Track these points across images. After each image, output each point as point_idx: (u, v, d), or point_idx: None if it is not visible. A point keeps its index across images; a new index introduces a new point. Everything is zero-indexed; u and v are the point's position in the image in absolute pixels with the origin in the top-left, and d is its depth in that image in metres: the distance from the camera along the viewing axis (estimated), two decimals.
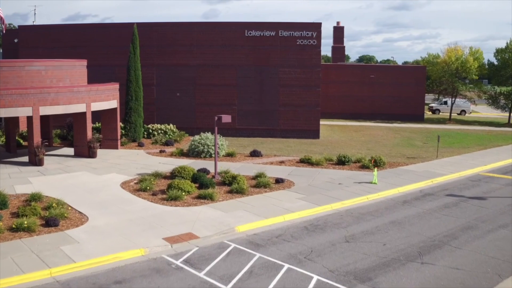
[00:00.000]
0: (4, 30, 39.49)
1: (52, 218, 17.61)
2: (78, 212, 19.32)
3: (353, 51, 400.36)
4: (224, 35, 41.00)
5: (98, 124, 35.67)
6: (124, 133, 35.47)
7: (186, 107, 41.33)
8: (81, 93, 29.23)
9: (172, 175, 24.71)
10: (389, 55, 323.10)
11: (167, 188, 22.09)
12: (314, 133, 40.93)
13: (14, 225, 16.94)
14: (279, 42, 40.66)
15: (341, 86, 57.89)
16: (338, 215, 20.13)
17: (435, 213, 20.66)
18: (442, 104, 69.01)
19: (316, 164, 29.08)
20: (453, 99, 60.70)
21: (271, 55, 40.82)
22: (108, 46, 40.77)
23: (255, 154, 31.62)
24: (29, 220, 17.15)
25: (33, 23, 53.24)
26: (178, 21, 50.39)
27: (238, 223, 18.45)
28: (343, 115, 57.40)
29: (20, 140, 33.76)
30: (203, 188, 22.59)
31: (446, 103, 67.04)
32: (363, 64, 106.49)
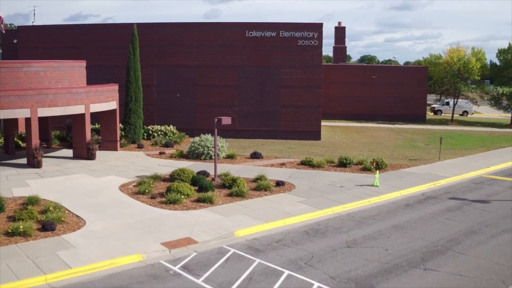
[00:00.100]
0: (3, 30, 39.19)
1: (48, 222, 17.34)
2: (75, 215, 19.05)
3: (354, 51, 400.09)
4: (224, 36, 40.71)
5: (98, 126, 35.43)
6: (124, 134, 35.17)
7: (186, 108, 41.05)
8: (80, 94, 28.97)
9: (172, 177, 24.43)
10: (390, 55, 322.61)
11: (166, 191, 21.82)
12: (316, 134, 40.62)
13: (10, 229, 16.69)
14: (280, 42, 40.35)
15: (342, 86, 57.58)
16: (340, 219, 19.84)
17: (438, 217, 20.35)
18: (444, 105, 68.62)
19: (317, 166, 28.78)
20: (455, 100, 60.34)
21: (272, 56, 40.51)
22: (108, 46, 40.51)
23: (255, 156, 31.32)
24: (25, 225, 16.88)
25: (32, 24, 53.12)
26: (179, 21, 50.03)
27: (238, 227, 18.17)
28: (344, 116, 57.09)
29: (19, 142, 33.50)
30: (203, 191, 22.29)
31: (448, 104, 66.64)
32: (365, 64, 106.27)
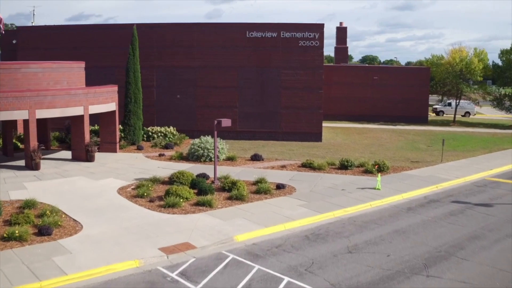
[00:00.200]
0: (3, 31, 38.94)
1: (45, 227, 17.07)
2: (72, 219, 18.78)
3: (356, 51, 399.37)
4: (225, 36, 40.40)
5: (97, 127, 35.15)
6: (123, 136, 34.88)
7: (186, 109, 40.75)
8: (78, 95, 28.70)
9: (171, 180, 24.14)
10: (392, 55, 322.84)
11: (164, 195, 21.52)
12: (317, 136, 40.29)
13: (5, 234, 16.42)
14: (281, 43, 40.04)
15: (344, 87, 57.24)
16: (341, 223, 19.53)
17: (441, 221, 20.04)
18: (446, 105, 68.23)
19: (318, 168, 28.47)
20: (457, 101, 59.97)
21: (273, 57, 40.20)
22: (108, 47, 40.21)
23: (256, 158, 31.02)
24: (21, 229, 16.61)
25: (32, 24, 52.82)
26: (180, 21, 49.76)
27: (237, 232, 17.88)
28: (346, 116, 56.74)
29: (18, 143, 33.20)
30: (202, 194, 22.00)
31: (450, 104, 66.25)
32: (366, 65, 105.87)
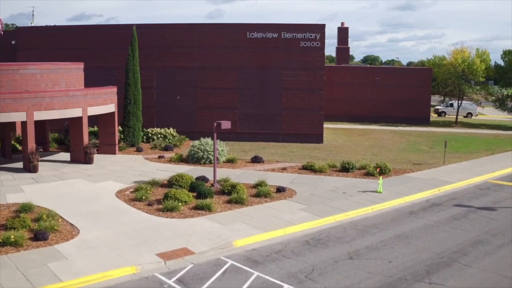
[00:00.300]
0: (2, 31, 38.69)
1: (41, 232, 16.79)
2: (69, 224, 18.50)
3: (357, 51, 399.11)
4: (225, 37, 40.11)
5: (96, 128, 34.88)
6: (122, 137, 34.62)
7: (186, 111, 40.47)
8: (77, 97, 28.42)
9: (170, 183, 23.84)
10: (393, 55, 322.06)
11: (163, 198, 21.23)
12: (318, 137, 39.98)
13: (1, 239, 16.10)
14: (281, 44, 39.74)
15: (345, 88, 56.95)
16: (342, 228, 19.23)
17: (443, 225, 19.73)
18: (448, 106, 67.87)
19: (319, 171, 28.17)
20: (459, 102, 59.61)
21: (274, 57, 39.91)
22: (109, 47, 39.95)
23: (256, 160, 30.73)
24: (16, 234, 16.33)
25: (31, 24, 52.58)
26: (181, 22, 49.49)
27: (236, 237, 17.58)
28: (347, 117, 56.43)
29: (16, 145, 32.93)
30: (201, 197, 21.70)
31: (452, 105, 65.92)
32: (368, 66, 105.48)
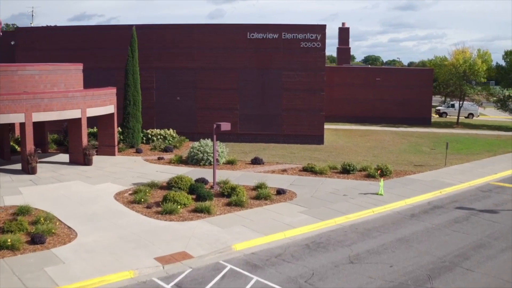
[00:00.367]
0: (0, 32, 38.53)
1: (38, 235, 16.60)
2: (67, 227, 18.31)
3: (358, 51, 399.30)
4: (225, 37, 39.90)
5: (95, 129, 34.69)
6: (122, 138, 34.42)
7: (186, 112, 40.27)
8: (76, 98, 28.23)
9: (169, 185, 23.65)
10: (395, 55, 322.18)
11: (162, 201, 21.03)
12: (318, 138, 39.77)
13: None
14: (282, 44, 39.53)
15: (346, 88, 56.72)
16: (342, 231, 19.02)
17: (445, 228, 19.51)
18: (449, 107, 67.65)
19: (320, 172, 27.95)
20: (460, 102, 59.38)
21: (274, 58, 39.69)
22: (108, 48, 39.74)
23: (256, 161, 30.52)
24: (13, 237, 16.15)
25: (30, 25, 52.46)
26: (182, 22, 49.35)
27: (236, 240, 17.38)
28: (348, 118, 56.21)
29: (15, 146, 32.75)
30: (200, 200, 21.51)
31: (453, 106, 65.68)
32: (369, 66, 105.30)
